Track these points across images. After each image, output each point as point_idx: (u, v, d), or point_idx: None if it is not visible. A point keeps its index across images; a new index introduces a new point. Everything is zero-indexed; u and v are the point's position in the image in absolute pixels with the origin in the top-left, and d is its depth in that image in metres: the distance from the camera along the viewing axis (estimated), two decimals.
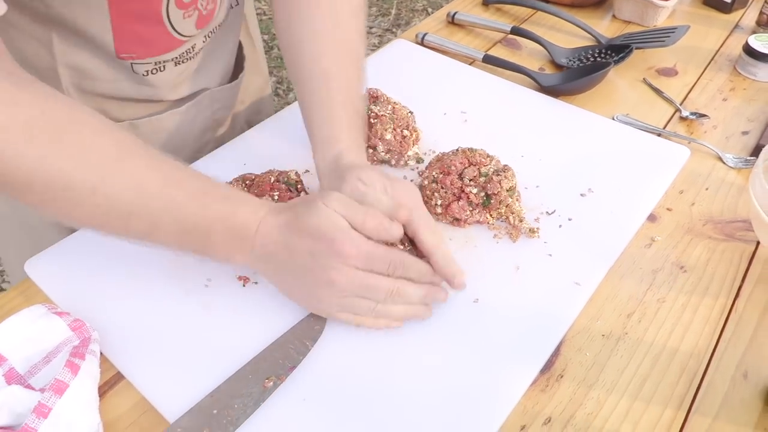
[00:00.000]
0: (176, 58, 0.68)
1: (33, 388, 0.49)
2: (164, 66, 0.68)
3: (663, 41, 0.90)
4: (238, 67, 0.83)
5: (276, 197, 0.63)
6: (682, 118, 0.81)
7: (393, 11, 2.93)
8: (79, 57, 0.63)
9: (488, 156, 0.66)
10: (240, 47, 0.83)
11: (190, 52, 0.69)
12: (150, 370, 0.53)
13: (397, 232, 0.52)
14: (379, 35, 2.74)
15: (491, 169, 0.65)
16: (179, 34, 0.66)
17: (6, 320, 0.51)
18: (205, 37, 0.70)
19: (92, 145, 0.48)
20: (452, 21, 1.02)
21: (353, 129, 0.62)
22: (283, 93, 2.38)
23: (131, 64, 0.65)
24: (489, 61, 0.90)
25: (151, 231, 0.51)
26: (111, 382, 0.53)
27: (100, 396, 0.51)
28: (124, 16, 0.60)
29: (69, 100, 0.50)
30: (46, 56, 0.62)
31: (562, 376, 0.53)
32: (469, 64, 0.90)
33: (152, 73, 0.68)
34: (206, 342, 0.55)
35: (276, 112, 0.84)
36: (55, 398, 0.44)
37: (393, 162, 0.72)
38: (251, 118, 0.90)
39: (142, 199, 0.49)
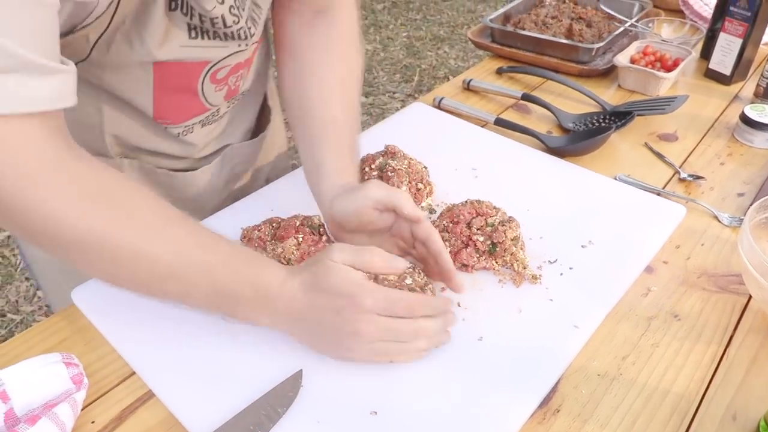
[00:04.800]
0: (203, 120, 0.76)
1: None
2: (192, 128, 0.76)
3: (663, 109, 0.96)
4: (260, 126, 0.91)
5: (300, 239, 0.69)
6: (681, 180, 0.87)
7: (416, 78, 3.07)
8: (122, 118, 0.71)
9: (495, 208, 0.72)
10: (266, 109, 0.92)
11: (215, 116, 0.78)
12: (178, 390, 0.58)
13: (402, 265, 0.58)
14: (402, 99, 2.88)
15: (497, 220, 0.70)
16: (210, 104, 0.75)
17: (22, 362, 0.55)
18: (228, 103, 0.79)
19: (139, 212, 0.54)
20: (467, 87, 1.10)
21: (356, 169, 0.71)
22: None
23: (165, 127, 0.74)
24: (500, 123, 0.97)
25: (185, 293, 0.56)
26: (143, 398, 0.58)
27: (133, 411, 0.56)
28: (165, 90, 0.69)
29: (118, 172, 0.55)
30: (95, 116, 0.70)
31: (558, 411, 0.57)
32: (482, 126, 0.98)
33: (183, 135, 0.76)
34: (231, 368, 0.60)
35: (293, 164, 0.91)
36: None
37: None
38: (271, 173, 0.97)
39: (180, 262, 0.54)
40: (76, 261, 0.55)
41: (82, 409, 0.56)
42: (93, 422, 0.56)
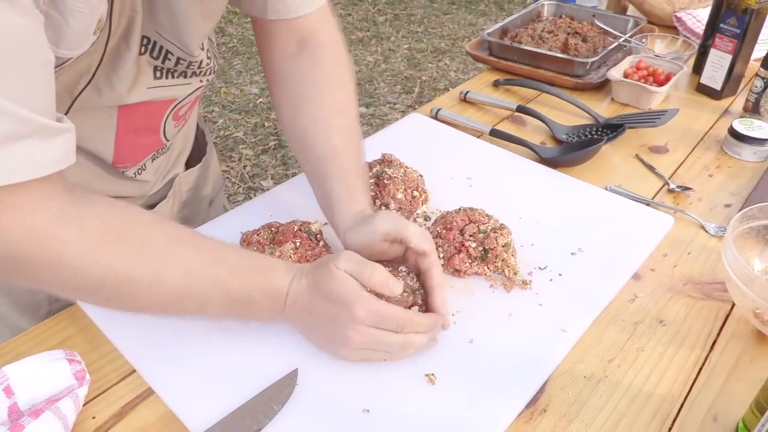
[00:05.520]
0: (154, 155, 0.78)
1: (23, 426, 0.52)
2: (145, 165, 0.78)
3: (654, 122, 0.99)
4: (198, 149, 0.93)
5: (298, 243, 0.71)
6: (670, 191, 0.89)
7: (416, 90, 3.11)
8: (78, 169, 0.69)
9: (487, 215, 0.74)
10: (202, 134, 0.93)
11: (164, 148, 0.79)
12: (177, 388, 0.60)
13: (398, 289, 0.59)
14: (402, 111, 2.91)
15: (489, 227, 0.72)
16: (167, 139, 0.77)
17: (26, 358, 0.58)
18: (175, 134, 0.80)
19: (145, 241, 0.55)
20: (464, 99, 1.13)
21: (366, 192, 0.72)
22: None
23: (123, 171, 0.75)
24: (495, 134, 0.99)
25: (202, 307, 0.59)
26: (143, 395, 0.60)
27: (133, 407, 0.59)
28: (128, 132, 0.70)
29: (118, 203, 0.56)
30: None
31: (545, 411, 0.59)
32: (478, 137, 1.00)
33: (138, 174, 0.77)
34: (229, 367, 0.62)
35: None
36: None
37: None
38: (213, 194, 0.99)
39: (192, 281, 0.56)
40: (97, 302, 0.58)
41: (83, 405, 0.58)
42: (94, 417, 0.58)
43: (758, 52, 1.14)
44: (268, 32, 0.75)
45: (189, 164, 0.90)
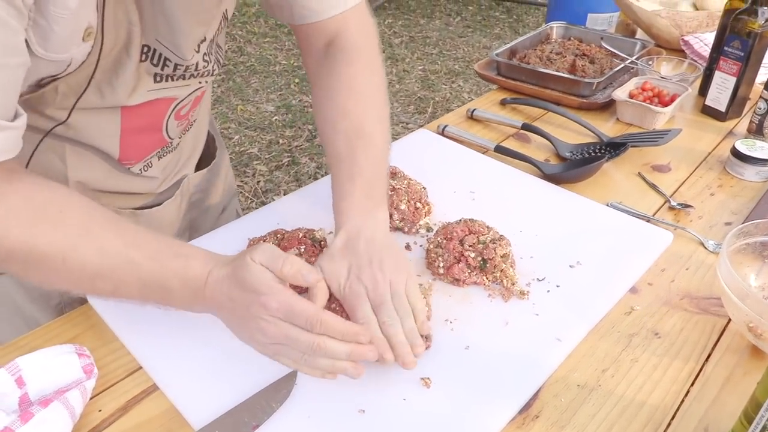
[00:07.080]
0: (159, 153, 0.81)
1: (32, 414, 0.54)
2: (151, 162, 0.80)
3: (656, 141, 1.01)
4: (209, 153, 0.96)
5: (302, 250, 0.74)
6: (671, 208, 0.90)
7: (429, 110, 3.15)
8: (86, 164, 0.74)
9: (487, 227, 0.76)
10: (210, 136, 0.96)
11: (170, 146, 0.82)
12: (181, 384, 0.62)
13: (312, 279, 0.58)
14: (415, 130, 2.94)
15: (488, 238, 0.74)
16: (170, 137, 0.80)
17: (38, 350, 0.60)
18: (180, 133, 0.83)
19: (64, 220, 0.57)
20: (471, 116, 1.16)
21: (354, 198, 0.70)
22: (321, 177, 2.55)
23: (129, 167, 0.78)
24: (500, 150, 1.02)
25: (116, 289, 0.59)
26: (148, 390, 0.62)
27: (138, 402, 0.61)
28: (132, 131, 0.73)
29: (52, 185, 0.59)
30: (59, 165, 0.73)
31: (537, 417, 0.60)
32: (483, 153, 1.02)
33: (144, 171, 0.80)
34: (230, 366, 0.64)
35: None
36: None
37: (406, 229, 0.83)
38: (225, 201, 1.01)
39: (105, 262, 0.57)
40: (11, 271, 0.61)
41: (90, 398, 0.61)
42: (100, 410, 0.60)
43: (763, 75, 1.15)
44: (300, 35, 0.80)
45: (199, 168, 0.93)
